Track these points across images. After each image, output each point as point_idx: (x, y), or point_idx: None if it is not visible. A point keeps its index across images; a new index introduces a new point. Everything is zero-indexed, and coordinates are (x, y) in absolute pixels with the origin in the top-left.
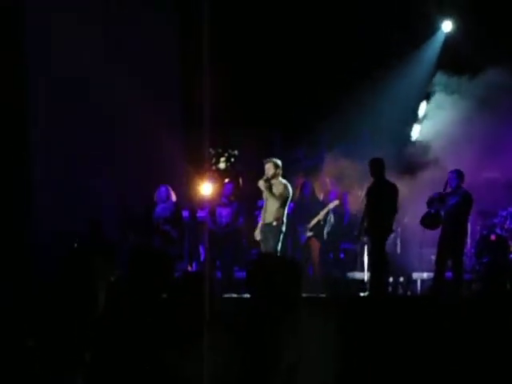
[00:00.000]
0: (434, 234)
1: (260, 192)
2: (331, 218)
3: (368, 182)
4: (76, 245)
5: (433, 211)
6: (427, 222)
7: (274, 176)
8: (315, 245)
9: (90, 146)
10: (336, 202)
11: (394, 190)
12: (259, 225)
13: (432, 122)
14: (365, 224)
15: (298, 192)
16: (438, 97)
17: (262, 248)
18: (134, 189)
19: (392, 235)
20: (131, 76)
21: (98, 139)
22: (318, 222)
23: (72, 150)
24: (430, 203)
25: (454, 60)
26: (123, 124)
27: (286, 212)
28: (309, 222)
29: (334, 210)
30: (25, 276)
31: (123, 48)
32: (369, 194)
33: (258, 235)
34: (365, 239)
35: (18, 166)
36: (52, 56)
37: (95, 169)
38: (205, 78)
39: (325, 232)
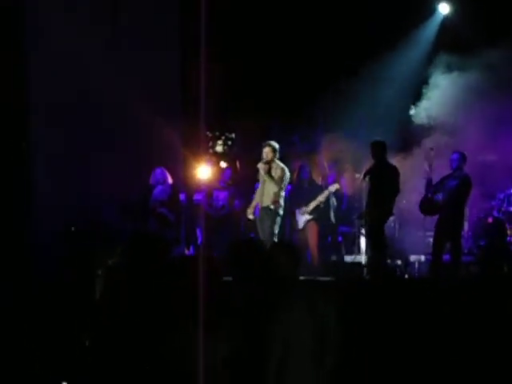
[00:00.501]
0: (432, 217)
1: (257, 175)
2: (333, 201)
3: (365, 164)
4: (73, 228)
5: (430, 195)
6: (425, 208)
7: (272, 159)
8: (313, 228)
9: (88, 130)
10: (336, 186)
11: (395, 172)
12: (252, 204)
13: (430, 102)
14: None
15: (295, 176)
16: (437, 78)
17: (259, 231)
18: (131, 173)
19: (391, 218)
20: (130, 64)
21: (96, 127)
22: (318, 205)
23: (71, 138)
24: (428, 186)
25: (452, 42)
26: (121, 110)
27: (283, 195)
28: (307, 206)
29: (334, 194)
30: (25, 275)
31: (122, 37)
32: (369, 176)
33: (250, 214)
34: (362, 221)
35: (16, 157)
36: (51, 49)
37: (94, 155)
38: (203, 63)
39: (331, 216)
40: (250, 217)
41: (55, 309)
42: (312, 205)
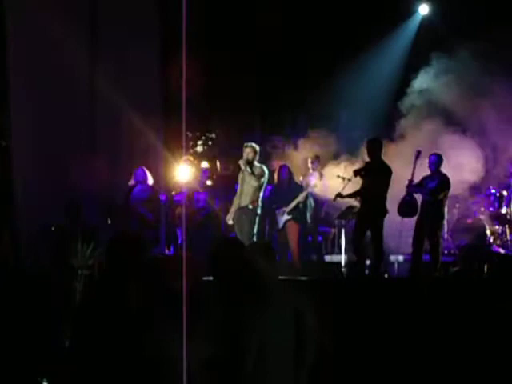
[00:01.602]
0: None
1: (237, 176)
2: (311, 201)
3: (347, 163)
4: (53, 228)
5: (408, 198)
6: (404, 209)
7: (253, 161)
8: (293, 228)
9: (69, 130)
10: (313, 182)
11: (389, 172)
12: (231, 209)
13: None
14: (354, 206)
15: (276, 177)
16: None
17: (237, 231)
18: (112, 172)
19: None
20: (111, 63)
21: (76, 125)
22: (297, 205)
23: (51, 138)
24: (408, 187)
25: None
26: (102, 109)
27: (261, 195)
28: (286, 206)
29: (313, 194)
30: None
31: (104, 35)
32: (364, 174)
33: (229, 219)
34: (342, 222)
35: None
36: (31, 42)
37: (74, 155)
38: (184, 63)
39: (308, 216)
40: (230, 222)
41: (35, 307)
42: (291, 205)
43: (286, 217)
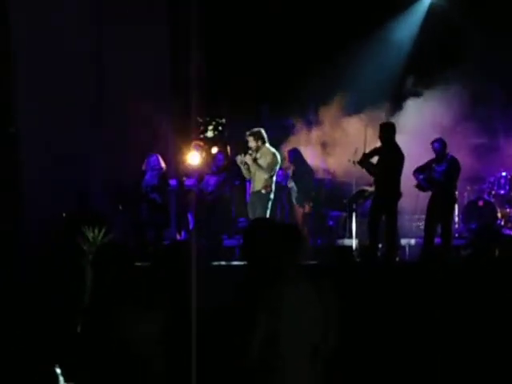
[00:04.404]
0: (423, 201)
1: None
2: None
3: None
4: (64, 215)
5: (422, 177)
6: (419, 186)
7: (258, 147)
8: (297, 212)
9: (77, 117)
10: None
11: (402, 156)
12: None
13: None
14: (366, 189)
15: (286, 160)
16: None
17: (251, 216)
18: (122, 159)
19: None
20: (120, 51)
21: (84, 112)
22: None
23: (59, 126)
24: (417, 171)
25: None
26: (111, 96)
27: (274, 180)
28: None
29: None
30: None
31: (112, 22)
32: (378, 158)
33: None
34: (354, 206)
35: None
36: (37, 27)
37: (83, 141)
38: (193, 50)
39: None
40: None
41: (47, 294)
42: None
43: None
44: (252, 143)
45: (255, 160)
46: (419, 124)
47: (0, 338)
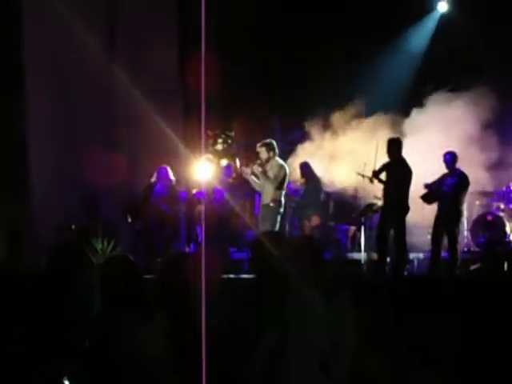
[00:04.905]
0: (430, 215)
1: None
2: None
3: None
4: (74, 227)
5: (432, 188)
6: (425, 198)
7: (269, 159)
8: (306, 225)
9: (88, 129)
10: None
11: (410, 171)
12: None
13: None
14: (374, 203)
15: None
16: None
17: (261, 229)
18: (132, 170)
19: None
20: (130, 62)
21: (95, 124)
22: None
23: (69, 138)
24: (426, 186)
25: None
26: (122, 108)
27: (283, 193)
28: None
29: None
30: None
31: (120, 34)
32: (386, 173)
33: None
34: (362, 219)
35: (13, 156)
36: (48, 32)
37: (94, 152)
38: (203, 62)
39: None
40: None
41: (56, 305)
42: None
43: None
44: (264, 154)
45: (265, 172)
46: (432, 135)
47: (2, 339)
